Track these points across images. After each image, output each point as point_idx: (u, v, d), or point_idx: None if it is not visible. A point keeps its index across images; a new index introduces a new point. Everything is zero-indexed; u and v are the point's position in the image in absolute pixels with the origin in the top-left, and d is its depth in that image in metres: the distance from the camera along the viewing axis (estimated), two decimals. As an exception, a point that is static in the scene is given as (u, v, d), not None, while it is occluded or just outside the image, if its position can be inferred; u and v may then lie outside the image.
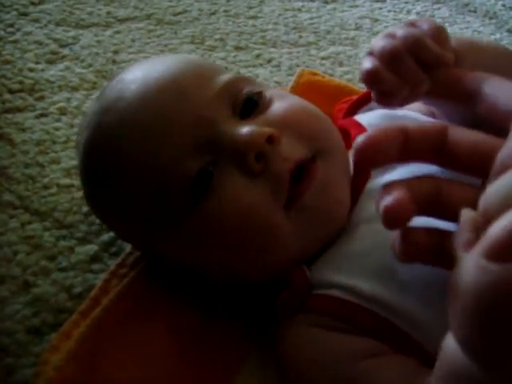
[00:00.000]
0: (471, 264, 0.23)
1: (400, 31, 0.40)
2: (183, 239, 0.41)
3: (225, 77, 0.42)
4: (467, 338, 0.24)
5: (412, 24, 0.42)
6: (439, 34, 0.41)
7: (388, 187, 0.31)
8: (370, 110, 0.54)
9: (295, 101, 0.44)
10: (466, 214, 0.26)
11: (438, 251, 0.32)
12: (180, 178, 0.39)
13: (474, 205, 0.26)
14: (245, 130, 0.39)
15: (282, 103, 0.42)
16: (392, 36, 0.40)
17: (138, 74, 0.43)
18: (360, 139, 0.31)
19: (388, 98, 0.40)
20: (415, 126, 0.33)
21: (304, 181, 0.39)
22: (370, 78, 0.40)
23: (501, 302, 0.22)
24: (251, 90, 0.43)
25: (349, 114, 0.54)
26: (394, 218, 0.30)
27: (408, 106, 0.55)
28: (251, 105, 0.42)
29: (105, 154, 0.42)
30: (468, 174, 0.33)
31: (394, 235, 0.32)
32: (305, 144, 0.40)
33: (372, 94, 0.41)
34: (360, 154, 0.31)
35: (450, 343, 0.26)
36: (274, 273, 0.41)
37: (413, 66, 0.39)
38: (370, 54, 0.41)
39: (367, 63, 0.40)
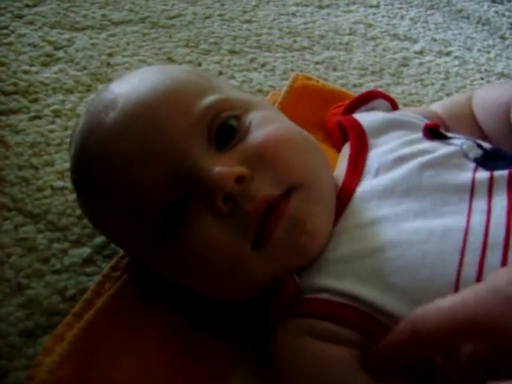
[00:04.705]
0: None
1: None
2: (159, 261, 0.42)
3: (204, 102, 0.41)
4: None
5: None
6: None
7: None
8: (371, 109, 0.55)
9: (276, 128, 0.43)
10: None
11: None
12: (155, 206, 0.40)
13: None
14: (216, 170, 0.38)
15: (260, 132, 0.41)
16: None
17: (119, 97, 0.42)
18: None
19: None
20: None
21: (271, 220, 0.39)
22: None
23: None
24: (229, 114, 0.42)
25: (348, 111, 0.55)
26: None
27: (404, 109, 0.56)
28: (228, 132, 0.41)
29: (86, 176, 0.44)
30: None
31: None
32: (279, 178, 0.40)
33: None
34: None
35: None
36: (249, 297, 0.42)
37: None
38: None
39: None
